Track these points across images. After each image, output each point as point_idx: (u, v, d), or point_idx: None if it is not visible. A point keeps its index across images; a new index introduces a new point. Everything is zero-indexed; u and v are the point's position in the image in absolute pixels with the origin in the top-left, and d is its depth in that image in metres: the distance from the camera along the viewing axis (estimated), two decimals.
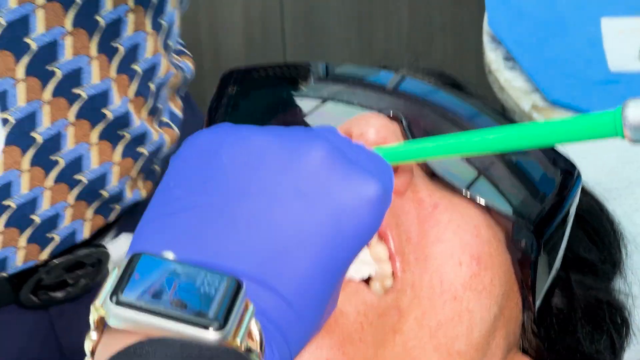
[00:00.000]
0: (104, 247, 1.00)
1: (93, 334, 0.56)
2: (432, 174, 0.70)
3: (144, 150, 0.97)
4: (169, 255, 0.55)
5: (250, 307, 0.55)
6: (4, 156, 0.88)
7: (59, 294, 0.99)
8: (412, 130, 0.71)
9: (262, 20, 2.26)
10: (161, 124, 1.00)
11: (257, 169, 0.61)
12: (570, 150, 0.72)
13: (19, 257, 0.95)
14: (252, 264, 0.58)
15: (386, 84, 0.76)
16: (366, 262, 0.67)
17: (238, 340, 0.53)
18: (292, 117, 0.77)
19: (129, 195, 0.98)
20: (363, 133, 0.67)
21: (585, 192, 0.80)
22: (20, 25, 0.85)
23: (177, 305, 0.54)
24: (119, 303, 0.53)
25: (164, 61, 0.97)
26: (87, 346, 0.56)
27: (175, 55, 1.02)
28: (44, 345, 1.02)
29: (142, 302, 0.53)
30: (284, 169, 0.60)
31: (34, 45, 0.86)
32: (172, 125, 1.01)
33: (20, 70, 0.85)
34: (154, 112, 0.98)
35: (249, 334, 0.54)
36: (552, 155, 0.71)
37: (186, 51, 1.03)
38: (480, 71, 1.46)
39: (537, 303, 0.72)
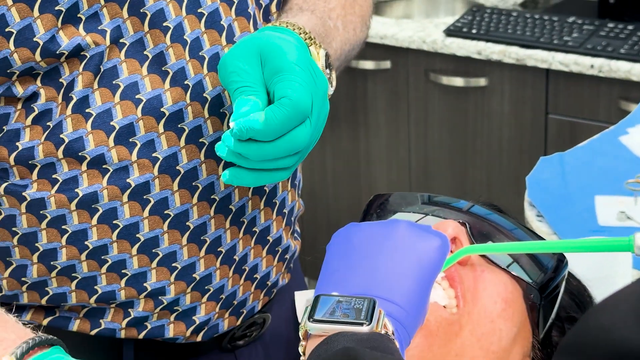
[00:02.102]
0: (267, 313, 1.11)
1: (302, 342, 0.66)
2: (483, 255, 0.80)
3: (287, 256, 1.11)
4: (335, 293, 0.67)
5: (383, 312, 0.66)
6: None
7: (241, 342, 1.10)
8: (473, 231, 0.82)
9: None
10: (295, 238, 1.14)
11: (371, 242, 0.71)
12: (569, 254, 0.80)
13: (225, 325, 1.07)
14: (380, 290, 0.68)
15: (462, 207, 0.86)
16: (443, 297, 0.76)
17: (380, 329, 0.63)
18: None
19: (281, 282, 1.11)
20: (446, 229, 0.79)
21: (575, 277, 0.90)
22: None
23: (344, 317, 0.64)
24: (313, 321, 0.65)
25: (297, 203, 1.12)
26: (300, 349, 0.66)
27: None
28: None
29: (325, 318, 0.64)
30: (386, 238, 0.71)
31: None
32: (298, 237, 1.16)
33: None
34: (293, 233, 1.12)
35: (385, 326, 0.65)
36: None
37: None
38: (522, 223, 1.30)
39: (541, 333, 0.79)
